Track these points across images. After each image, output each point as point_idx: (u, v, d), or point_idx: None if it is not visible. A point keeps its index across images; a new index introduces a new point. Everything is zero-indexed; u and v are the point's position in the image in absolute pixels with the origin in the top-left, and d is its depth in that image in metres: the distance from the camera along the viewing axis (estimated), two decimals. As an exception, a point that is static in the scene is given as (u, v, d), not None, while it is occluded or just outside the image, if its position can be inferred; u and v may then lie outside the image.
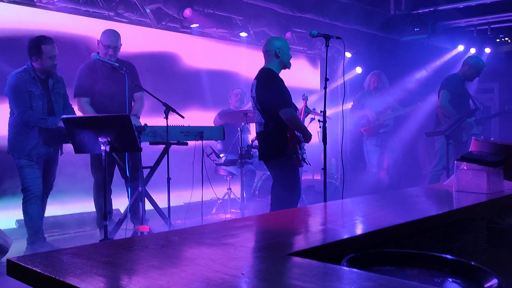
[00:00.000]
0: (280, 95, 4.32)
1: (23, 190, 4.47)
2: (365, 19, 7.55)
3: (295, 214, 2.80)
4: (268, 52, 4.49)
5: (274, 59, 4.47)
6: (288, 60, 4.54)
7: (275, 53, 4.45)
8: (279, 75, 4.47)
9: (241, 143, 5.61)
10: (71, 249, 1.80)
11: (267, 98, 4.33)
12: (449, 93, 6.20)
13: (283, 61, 4.50)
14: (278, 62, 4.48)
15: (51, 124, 4.40)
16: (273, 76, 4.41)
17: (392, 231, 2.28)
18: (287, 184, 4.42)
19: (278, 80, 4.40)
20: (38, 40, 4.42)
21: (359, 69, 8.83)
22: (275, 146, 4.36)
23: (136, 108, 4.95)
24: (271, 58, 4.49)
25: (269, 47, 4.49)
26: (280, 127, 4.32)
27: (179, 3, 6.10)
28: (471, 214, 2.91)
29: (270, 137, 4.38)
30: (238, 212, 5.80)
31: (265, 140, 4.45)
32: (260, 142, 4.53)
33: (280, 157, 4.36)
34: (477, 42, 8.50)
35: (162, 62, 6.88)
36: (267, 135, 4.40)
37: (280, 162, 4.40)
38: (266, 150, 4.48)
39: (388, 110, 7.29)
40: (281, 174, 4.46)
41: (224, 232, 2.18)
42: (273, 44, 4.48)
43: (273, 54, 4.46)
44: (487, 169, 3.27)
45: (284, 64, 4.53)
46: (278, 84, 4.37)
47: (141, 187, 4.55)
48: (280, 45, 4.48)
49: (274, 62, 4.48)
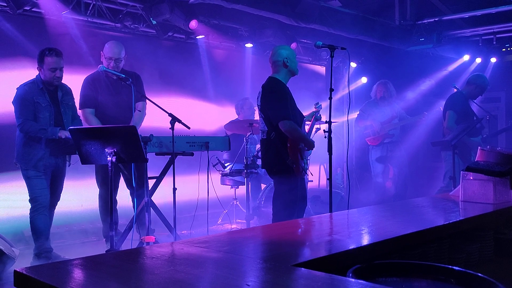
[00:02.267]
0: (282, 107, 4.29)
1: (30, 200, 4.50)
2: (370, 29, 7.56)
3: (300, 225, 2.80)
4: (276, 62, 4.47)
5: (282, 69, 4.46)
6: (296, 67, 4.53)
7: (283, 63, 4.44)
8: (286, 85, 4.46)
9: (247, 153, 5.62)
10: (77, 260, 1.81)
11: (269, 108, 4.34)
12: (455, 114, 6.18)
13: (291, 70, 4.49)
14: (286, 72, 4.47)
15: (50, 134, 4.42)
16: (279, 86, 4.40)
17: (398, 241, 2.27)
18: (288, 194, 4.39)
19: (283, 91, 4.39)
20: (43, 51, 4.48)
21: (364, 79, 8.85)
22: (277, 155, 4.34)
23: (136, 119, 4.91)
24: (279, 68, 4.47)
25: (276, 57, 4.47)
26: (281, 137, 4.32)
27: (185, 15, 6.14)
28: (477, 225, 2.90)
29: (272, 145, 4.37)
30: (244, 222, 5.79)
31: (267, 148, 4.44)
32: (263, 150, 4.53)
33: (281, 166, 4.34)
34: (483, 51, 8.50)
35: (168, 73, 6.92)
36: (269, 143, 4.40)
37: (281, 171, 4.38)
38: (268, 158, 4.47)
39: (394, 120, 7.27)
40: (282, 183, 4.44)
41: (229, 243, 2.18)
42: (280, 54, 4.46)
43: (281, 64, 4.45)
44: (494, 179, 3.26)
45: (292, 72, 4.52)
46: (283, 95, 4.36)
47: (147, 197, 4.56)
48: (287, 54, 4.47)
49: (282, 72, 4.47)
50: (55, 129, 4.45)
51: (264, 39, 7.32)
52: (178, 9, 6.05)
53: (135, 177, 4.56)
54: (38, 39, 5.52)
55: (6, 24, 5.47)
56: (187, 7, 6.17)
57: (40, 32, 5.64)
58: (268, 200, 6.24)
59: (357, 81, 8.89)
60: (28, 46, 5.48)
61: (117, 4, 6.11)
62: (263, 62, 7.83)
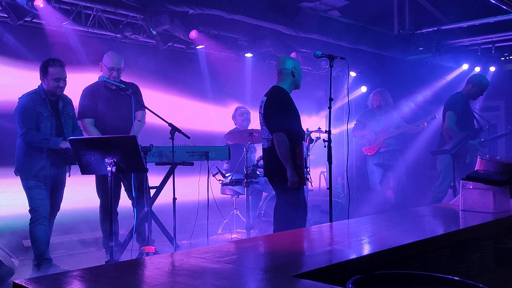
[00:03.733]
0: (280, 118, 4.28)
1: (30, 211, 4.49)
2: (369, 39, 7.59)
3: (300, 235, 2.80)
4: (284, 70, 4.46)
5: (289, 78, 4.45)
6: (300, 81, 4.55)
7: (291, 72, 4.44)
8: (289, 95, 4.45)
9: (247, 162, 5.62)
10: (77, 272, 1.81)
11: (269, 117, 4.34)
12: (455, 114, 6.13)
13: (296, 81, 4.49)
14: (291, 82, 4.46)
15: (53, 144, 4.43)
16: (283, 96, 4.39)
17: (398, 251, 2.27)
18: (289, 202, 4.38)
19: (286, 101, 4.37)
20: (47, 62, 4.51)
21: (364, 88, 8.87)
22: (278, 164, 4.33)
23: (136, 129, 4.91)
24: (286, 76, 4.46)
25: (284, 65, 4.46)
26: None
27: (185, 25, 6.18)
28: (477, 234, 2.89)
29: (274, 153, 4.35)
30: (244, 232, 5.78)
31: (269, 157, 4.44)
32: (265, 158, 4.53)
33: (282, 174, 4.33)
34: (482, 60, 8.52)
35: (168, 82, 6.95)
36: (272, 151, 4.38)
37: (282, 179, 4.36)
38: (269, 166, 4.47)
39: (390, 128, 7.26)
40: (283, 191, 4.43)
41: (229, 253, 2.18)
42: (288, 63, 4.47)
43: (289, 73, 4.44)
44: (493, 188, 3.26)
45: (297, 84, 4.53)
46: (285, 105, 4.35)
47: (147, 207, 4.56)
48: (295, 64, 4.49)
49: (287, 81, 4.46)
50: (58, 139, 4.46)
51: (263, 49, 7.35)
52: (178, 19, 6.09)
53: (135, 187, 4.57)
54: (39, 49, 5.55)
55: (7, 34, 5.50)
56: (187, 18, 6.21)
57: (41, 42, 5.66)
58: (268, 209, 6.23)
59: (357, 90, 8.91)
60: (28, 56, 5.51)
61: (117, 15, 6.14)
62: (263, 72, 7.90)
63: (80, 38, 5.95)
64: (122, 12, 6.01)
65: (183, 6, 5.54)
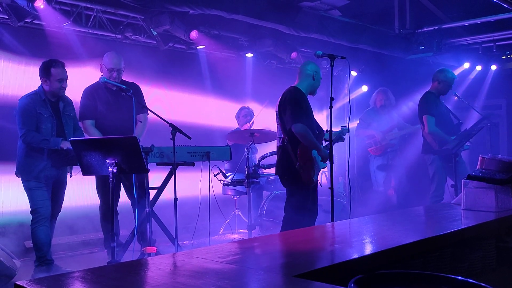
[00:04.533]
0: (297, 110, 4.35)
1: (32, 212, 4.49)
2: (370, 38, 7.58)
3: (302, 235, 2.79)
4: (305, 71, 4.57)
5: (308, 80, 4.56)
6: (318, 86, 4.67)
7: (312, 75, 4.56)
8: (304, 94, 4.52)
9: (248, 162, 5.62)
10: (78, 273, 1.81)
11: (284, 112, 4.40)
12: (432, 117, 5.95)
13: (315, 86, 4.62)
14: (309, 84, 4.57)
15: (53, 144, 4.43)
16: (299, 94, 4.47)
17: (400, 251, 2.27)
18: (298, 202, 4.44)
19: (300, 97, 4.46)
20: (49, 63, 4.51)
21: (365, 87, 8.87)
22: (288, 161, 4.41)
23: (139, 131, 4.93)
24: (306, 77, 4.57)
25: (307, 67, 4.59)
26: (293, 142, 4.36)
27: (185, 25, 6.17)
28: (479, 233, 2.89)
29: (284, 151, 4.45)
30: (246, 232, 5.78)
31: (281, 154, 4.52)
32: (278, 156, 4.61)
33: (291, 172, 4.39)
34: (483, 59, 8.51)
35: (168, 83, 6.95)
36: (282, 149, 4.48)
37: (291, 178, 4.44)
38: (281, 165, 4.54)
39: (394, 129, 7.26)
40: (293, 190, 4.50)
41: (231, 253, 2.18)
42: (311, 67, 4.59)
43: (310, 75, 4.56)
44: (495, 187, 3.25)
45: (314, 89, 4.64)
46: (298, 100, 4.44)
47: (148, 208, 4.56)
48: (316, 69, 4.61)
49: (306, 83, 4.56)
50: (57, 139, 4.46)
51: (264, 49, 7.35)
52: (178, 19, 6.08)
53: (136, 187, 4.56)
54: (39, 50, 5.55)
55: (8, 35, 5.50)
56: (187, 18, 6.20)
57: (41, 43, 5.67)
58: (269, 209, 6.23)
59: (358, 90, 8.90)
60: (29, 57, 5.51)
61: (117, 16, 6.14)
62: (263, 72, 7.90)
63: (80, 39, 5.95)
64: (122, 12, 6.02)
65: (184, 6, 5.54)
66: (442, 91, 6.18)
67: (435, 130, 5.92)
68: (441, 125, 5.95)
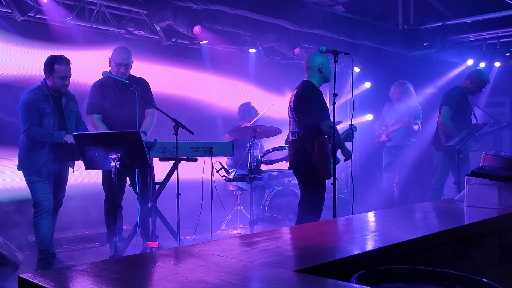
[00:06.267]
0: (321, 108, 4.45)
1: (34, 205, 4.50)
2: (373, 34, 7.56)
3: (304, 230, 2.79)
4: (311, 67, 4.63)
5: (317, 74, 4.62)
6: (329, 74, 4.70)
7: (318, 68, 4.60)
8: (319, 88, 4.59)
9: (250, 158, 5.62)
10: (81, 266, 1.81)
11: (308, 110, 4.45)
12: (450, 110, 6.02)
13: (325, 76, 4.66)
14: (320, 77, 4.63)
15: (56, 138, 4.43)
16: (314, 89, 4.54)
17: (402, 247, 2.26)
18: (313, 196, 4.50)
19: (318, 93, 4.54)
20: (53, 59, 4.49)
21: (368, 83, 8.85)
22: (304, 155, 4.46)
23: (146, 125, 4.95)
24: (314, 73, 4.63)
25: (311, 63, 4.64)
26: (310, 136, 4.43)
27: (189, 20, 6.16)
28: (482, 230, 2.88)
29: (300, 145, 4.50)
30: (248, 227, 5.79)
31: (295, 148, 4.57)
32: (291, 151, 4.64)
33: (308, 166, 4.44)
34: (487, 56, 8.47)
35: (171, 78, 6.95)
36: (298, 143, 4.52)
37: (308, 171, 4.48)
38: (296, 158, 4.58)
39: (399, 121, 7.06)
40: (308, 184, 4.54)
41: (233, 248, 2.18)
42: (315, 60, 4.63)
43: (316, 70, 4.61)
44: (498, 184, 3.25)
45: (326, 79, 4.69)
46: (318, 97, 4.51)
47: (151, 203, 4.56)
48: (322, 60, 4.64)
49: (315, 77, 4.63)
50: (61, 133, 4.46)
51: (267, 44, 7.33)
52: (181, 14, 6.07)
53: (139, 182, 4.57)
54: (43, 45, 5.55)
55: (11, 29, 5.50)
56: (190, 13, 6.19)
57: (45, 38, 5.66)
58: (271, 205, 6.23)
59: (361, 86, 8.89)
60: (32, 52, 5.51)
61: (120, 10, 6.13)
62: (267, 67, 7.88)
63: (83, 33, 5.94)
64: (125, 7, 6.01)
65: (187, 1, 5.54)
66: (470, 91, 6.25)
67: (447, 122, 6.01)
68: (457, 120, 6.00)
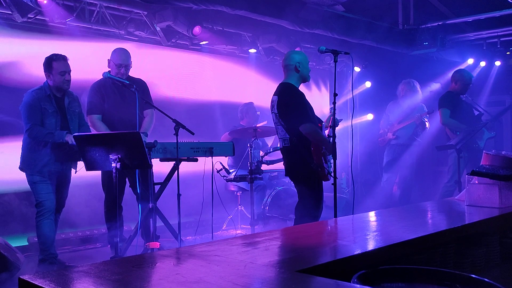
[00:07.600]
0: (300, 110, 4.29)
1: (36, 205, 4.51)
2: (373, 34, 7.55)
3: (305, 230, 2.79)
4: (288, 66, 4.46)
5: (294, 74, 4.45)
6: (307, 74, 4.52)
7: (295, 67, 4.42)
8: (299, 89, 4.45)
9: (251, 158, 5.62)
10: (82, 267, 1.81)
11: (288, 114, 4.32)
12: (448, 109, 6.18)
13: (302, 75, 4.47)
14: (298, 77, 4.45)
15: (57, 138, 4.43)
16: (293, 91, 4.39)
17: (403, 246, 2.26)
18: (313, 199, 4.38)
19: (298, 95, 4.38)
20: (50, 58, 4.52)
21: (368, 83, 8.85)
22: (301, 161, 4.31)
23: (145, 125, 4.95)
24: (290, 72, 4.46)
25: (288, 61, 4.46)
26: (304, 141, 4.28)
27: (189, 20, 6.16)
28: (483, 229, 2.88)
29: (295, 152, 4.34)
30: (249, 228, 5.79)
31: (290, 155, 4.41)
32: (286, 158, 4.49)
33: (306, 172, 4.31)
34: (487, 55, 8.47)
35: (172, 78, 6.95)
36: (292, 150, 4.36)
37: (306, 177, 4.35)
38: (292, 165, 4.43)
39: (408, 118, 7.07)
40: (307, 189, 4.40)
41: (234, 249, 2.18)
42: (292, 58, 4.45)
43: (293, 69, 4.44)
44: (499, 183, 3.25)
45: (304, 78, 4.50)
46: (298, 99, 4.36)
47: (152, 203, 4.56)
48: (299, 59, 4.46)
49: (293, 77, 4.45)
50: (62, 132, 4.46)
51: (267, 44, 7.33)
52: (181, 15, 6.07)
53: (139, 183, 4.57)
54: (43, 46, 5.55)
55: (11, 31, 5.51)
56: (190, 13, 6.19)
57: (44, 39, 5.67)
58: (272, 205, 6.23)
59: (361, 86, 8.88)
60: (32, 53, 5.51)
61: (121, 11, 6.14)
62: (267, 67, 7.89)
63: (84, 34, 5.95)
64: (125, 8, 6.01)
65: (187, 2, 5.53)
66: (460, 91, 6.40)
67: (448, 120, 6.20)
68: (459, 117, 6.15)
